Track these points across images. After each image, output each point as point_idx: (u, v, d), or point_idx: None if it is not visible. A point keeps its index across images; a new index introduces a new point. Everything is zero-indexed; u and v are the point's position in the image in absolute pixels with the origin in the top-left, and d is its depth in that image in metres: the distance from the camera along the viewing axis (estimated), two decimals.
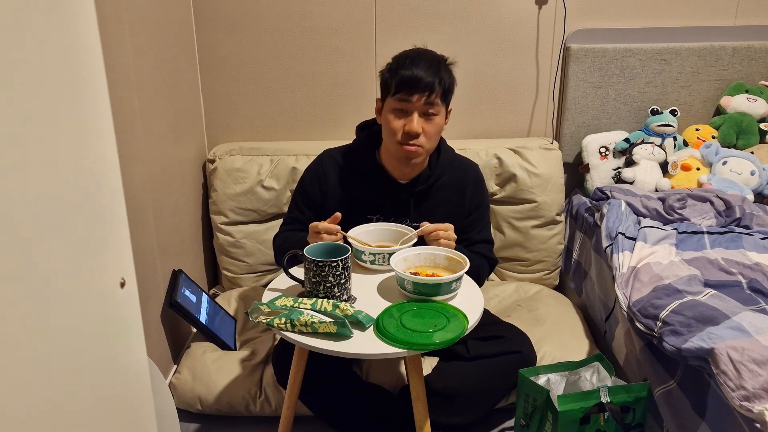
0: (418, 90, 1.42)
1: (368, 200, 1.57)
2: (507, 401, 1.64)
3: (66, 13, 0.68)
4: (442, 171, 1.58)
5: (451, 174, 1.60)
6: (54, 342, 0.67)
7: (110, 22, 1.42)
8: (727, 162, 2.03)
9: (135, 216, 1.53)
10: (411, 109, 1.44)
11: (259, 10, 2.07)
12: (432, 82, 1.42)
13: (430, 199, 1.58)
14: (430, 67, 1.43)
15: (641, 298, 1.47)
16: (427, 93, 1.42)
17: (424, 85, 1.41)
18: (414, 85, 1.41)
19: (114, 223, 0.80)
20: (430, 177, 1.56)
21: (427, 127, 1.45)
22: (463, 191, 1.61)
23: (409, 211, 1.57)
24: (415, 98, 1.42)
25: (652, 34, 2.15)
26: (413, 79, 1.41)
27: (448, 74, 1.47)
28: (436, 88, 1.42)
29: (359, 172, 1.57)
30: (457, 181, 1.61)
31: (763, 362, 1.14)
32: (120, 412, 0.83)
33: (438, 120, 1.47)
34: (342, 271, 1.26)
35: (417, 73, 1.41)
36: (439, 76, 1.43)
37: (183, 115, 1.97)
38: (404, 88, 1.42)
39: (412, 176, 1.56)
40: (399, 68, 1.44)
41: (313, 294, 1.28)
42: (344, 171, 1.59)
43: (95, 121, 0.74)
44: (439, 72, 1.44)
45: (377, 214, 1.58)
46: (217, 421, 1.71)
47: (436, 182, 1.58)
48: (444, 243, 1.42)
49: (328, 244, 1.32)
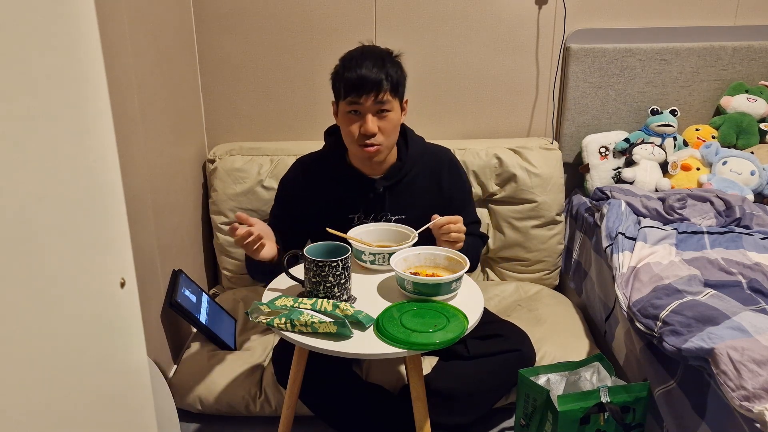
0: (365, 91, 1.41)
1: (346, 201, 1.58)
2: (507, 401, 1.65)
3: (66, 13, 0.68)
4: (413, 161, 1.59)
5: (424, 163, 1.61)
6: (54, 342, 0.67)
7: (110, 22, 1.42)
8: (727, 162, 2.03)
9: (135, 216, 1.53)
10: (363, 111, 1.44)
11: (259, 10, 2.07)
12: (379, 80, 1.41)
13: (407, 191, 1.59)
14: (374, 65, 1.42)
15: (641, 298, 1.47)
16: (374, 92, 1.42)
17: (371, 85, 1.41)
18: (361, 86, 1.41)
19: (114, 223, 0.80)
20: (401, 169, 1.57)
21: (383, 124, 1.46)
22: (438, 179, 1.62)
23: (384, 205, 1.58)
24: (363, 99, 1.42)
25: (652, 34, 2.15)
26: (360, 80, 1.41)
27: (396, 68, 1.46)
28: (384, 85, 1.42)
29: (333, 175, 1.59)
30: (431, 170, 1.62)
31: (763, 362, 1.14)
32: (120, 412, 0.83)
33: (392, 116, 1.47)
34: (342, 271, 1.26)
35: (362, 73, 1.41)
36: (385, 71, 1.42)
37: (183, 115, 1.97)
38: (353, 91, 1.42)
39: (383, 171, 1.57)
40: (345, 71, 1.44)
41: (313, 294, 1.28)
42: (318, 176, 1.60)
43: (95, 121, 0.74)
44: (385, 68, 1.43)
45: (357, 213, 1.59)
46: (217, 421, 1.71)
47: (409, 173, 1.58)
48: (455, 237, 1.42)
49: (329, 244, 1.32)
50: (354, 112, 1.46)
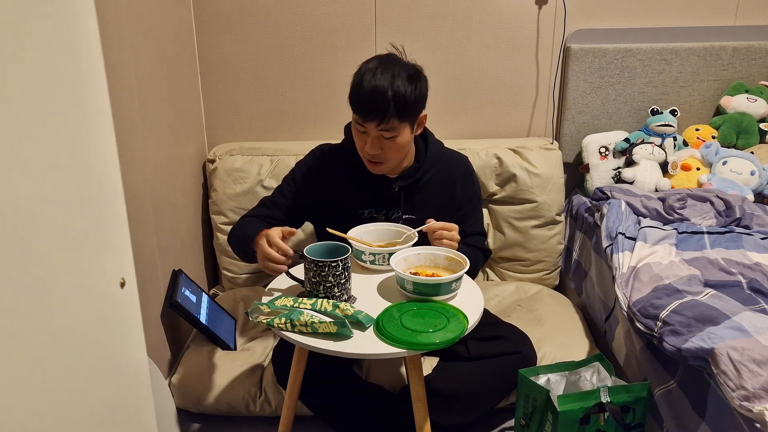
0: (369, 118, 1.39)
1: (359, 196, 1.58)
2: (507, 401, 1.64)
3: (66, 13, 0.68)
4: (431, 164, 1.59)
5: (441, 167, 1.60)
6: (54, 342, 0.67)
7: (110, 22, 1.42)
8: (727, 162, 2.03)
9: (135, 216, 1.53)
10: (368, 131, 1.43)
11: (259, 10, 2.07)
12: (384, 108, 1.36)
13: (420, 193, 1.59)
14: (386, 88, 1.36)
15: (641, 298, 1.47)
16: (377, 120, 1.38)
17: (374, 112, 1.37)
18: (365, 111, 1.39)
19: (114, 223, 0.80)
20: (418, 170, 1.57)
21: (388, 145, 1.43)
22: (453, 184, 1.62)
23: (399, 205, 1.58)
24: (368, 124, 1.41)
25: (652, 34, 2.15)
26: (365, 104, 1.38)
27: (411, 88, 1.38)
28: (389, 112, 1.37)
29: (349, 169, 1.58)
30: (447, 175, 1.61)
31: (763, 362, 1.14)
32: (120, 412, 0.83)
33: (399, 140, 1.43)
34: (342, 271, 1.26)
35: (369, 96, 1.37)
36: (394, 96, 1.36)
37: (183, 115, 1.97)
38: (359, 112, 1.41)
39: (399, 171, 1.56)
40: (355, 86, 1.41)
41: (313, 294, 1.28)
42: (335, 168, 1.59)
43: (95, 121, 0.74)
44: (394, 91, 1.36)
45: (368, 209, 1.58)
46: (217, 421, 1.71)
47: (425, 175, 1.58)
48: (446, 243, 1.42)
49: (329, 244, 1.32)
50: (361, 128, 1.44)
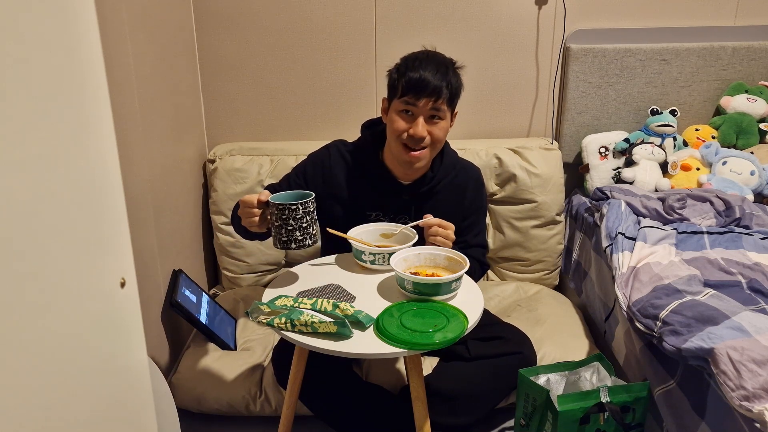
0: (425, 94, 1.41)
1: (369, 198, 1.57)
2: (507, 401, 1.64)
3: (66, 13, 0.68)
4: (445, 173, 1.59)
5: (454, 176, 1.60)
6: (54, 342, 0.67)
7: (110, 22, 1.42)
8: (727, 162, 2.03)
9: (135, 216, 1.53)
10: (417, 113, 1.44)
11: (259, 10, 2.07)
12: (440, 87, 1.41)
13: (431, 201, 1.58)
14: (438, 71, 1.42)
15: (641, 298, 1.47)
16: (434, 98, 1.42)
17: (431, 89, 1.41)
18: (422, 89, 1.41)
19: (114, 223, 0.80)
20: (432, 179, 1.57)
21: (433, 130, 1.45)
22: (463, 193, 1.62)
23: (409, 212, 1.57)
24: (421, 102, 1.42)
25: (652, 34, 2.15)
26: (421, 82, 1.41)
27: (456, 78, 1.47)
28: (444, 92, 1.42)
29: (363, 170, 1.57)
30: (458, 184, 1.61)
31: (762, 362, 1.14)
32: (120, 412, 0.83)
33: (443, 124, 1.47)
34: (303, 215, 1.28)
35: (425, 76, 1.41)
36: (447, 80, 1.43)
37: (183, 115, 1.97)
38: (411, 91, 1.42)
39: (414, 177, 1.56)
40: (407, 70, 1.43)
41: (277, 239, 1.30)
42: (349, 166, 1.59)
43: (95, 121, 0.74)
44: (447, 76, 1.43)
45: (377, 211, 1.58)
46: (217, 421, 1.71)
47: (439, 184, 1.58)
48: (440, 241, 1.42)
49: (296, 192, 1.34)
50: (406, 112, 1.45)
